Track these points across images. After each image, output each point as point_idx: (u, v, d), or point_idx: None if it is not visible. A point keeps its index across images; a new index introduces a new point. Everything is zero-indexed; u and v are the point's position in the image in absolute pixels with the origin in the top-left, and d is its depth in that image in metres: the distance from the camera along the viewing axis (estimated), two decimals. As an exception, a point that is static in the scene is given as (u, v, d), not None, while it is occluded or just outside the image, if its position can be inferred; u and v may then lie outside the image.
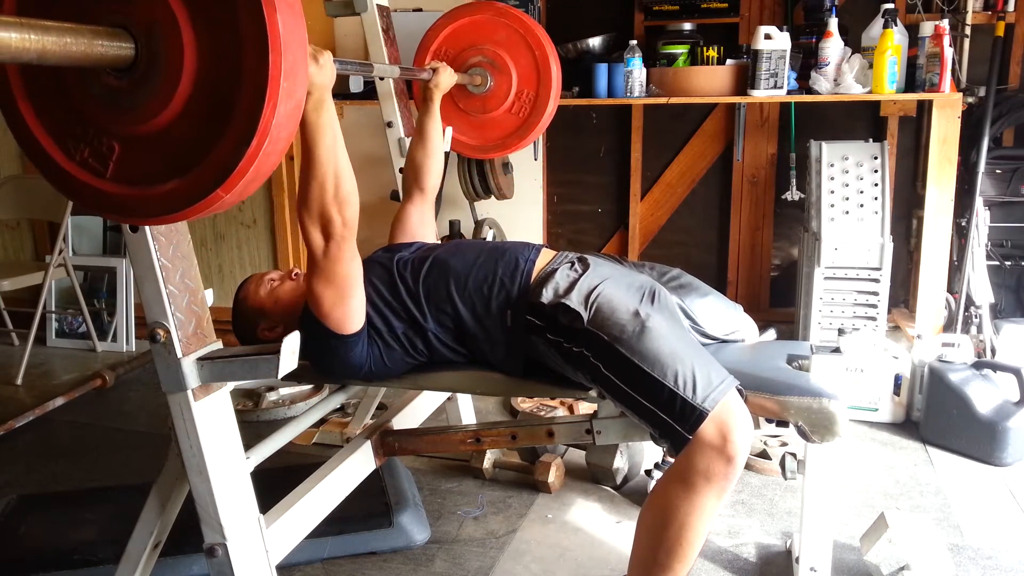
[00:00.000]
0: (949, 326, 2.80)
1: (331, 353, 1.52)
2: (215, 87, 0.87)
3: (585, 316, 1.46)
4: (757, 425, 1.52)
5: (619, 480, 2.19)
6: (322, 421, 2.55)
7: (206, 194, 0.90)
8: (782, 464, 1.67)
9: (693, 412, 1.33)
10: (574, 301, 1.48)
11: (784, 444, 2.33)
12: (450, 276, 1.60)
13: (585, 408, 2.55)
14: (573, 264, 1.61)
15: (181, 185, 0.91)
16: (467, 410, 2.36)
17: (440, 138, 2.02)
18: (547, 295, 1.51)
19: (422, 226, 1.95)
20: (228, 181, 0.88)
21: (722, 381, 1.37)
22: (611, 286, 1.52)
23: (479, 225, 3.21)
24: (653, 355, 1.39)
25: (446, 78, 2.02)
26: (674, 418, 1.35)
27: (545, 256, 1.66)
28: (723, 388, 1.36)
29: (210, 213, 0.96)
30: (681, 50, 2.95)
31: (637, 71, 2.77)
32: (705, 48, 2.89)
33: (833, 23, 2.61)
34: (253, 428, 2.58)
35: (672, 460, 1.40)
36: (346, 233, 1.37)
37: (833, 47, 2.60)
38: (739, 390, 1.40)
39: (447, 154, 2.55)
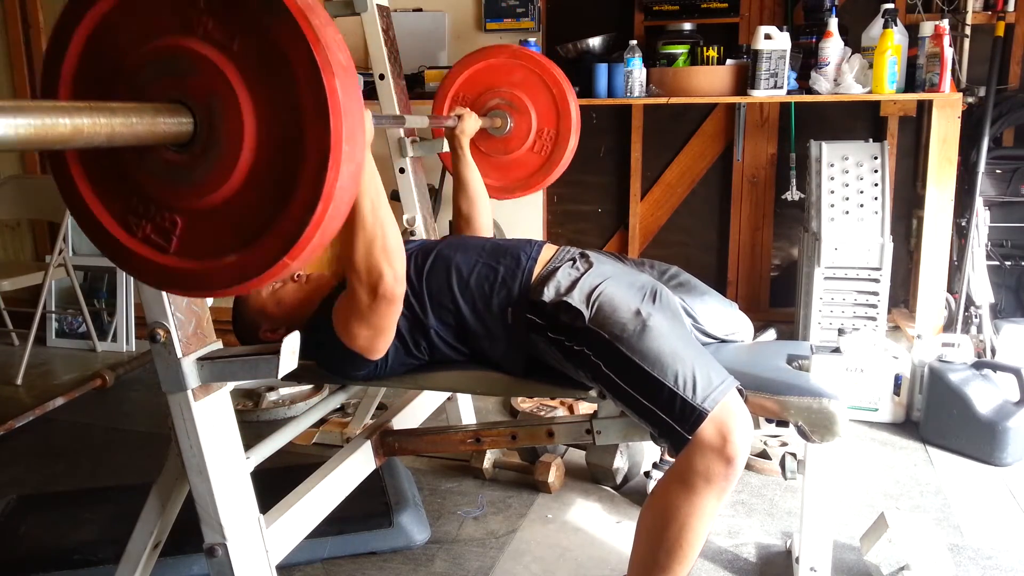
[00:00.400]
0: (949, 326, 2.80)
1: (353, 370, 1.54)
2: (277, 156, 0.86)
3: (586, 314, 1.46)
4: (757, 425, 1.52)
5: (619, 480, 2.19)
6: (322, 421, 2.55)
7: (272, 263, 0.89)
8: (782, 464, 1.67)
9: (693, 412, 1.33)
10: (576, 299, 1.48)
11: (784, 444, 2.33)
12: (452, 273, 1.60)
13: (585, 408, 2.55)
14: (575, 262, 1.60)
15: (247, 256, 0.90)
16: (467, 410, 2.36)
17: (481, 182, 2.07)
18: (548, 293, 1.51)
19: None
20: (295, 248, 0.87)
21: (722, 381, 1.37)
22: (613, 285, 1.52)
23: (479, 225, 3.21)
24: (654, 354, 1.39)
25: (471, 124, 2.08)
26: (674, 418, 1.35)
27: (547, 253, 1.65)
28: (723, 388, 1.36)
29: (277, 279, 0.95)
30: (681, 50, 2.95)
31: (637, 71, 2.77)
32: (705, 48, 2.89)
33: (833, 23, 2.61)
34: (253, 428, 2.58)
35: (672, 460, 1.40)
36: (398, 288, 1.36)
37: (833, 47, 2.60)
38: (740, 391, 1.40)
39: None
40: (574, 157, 3.43)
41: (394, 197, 2.41)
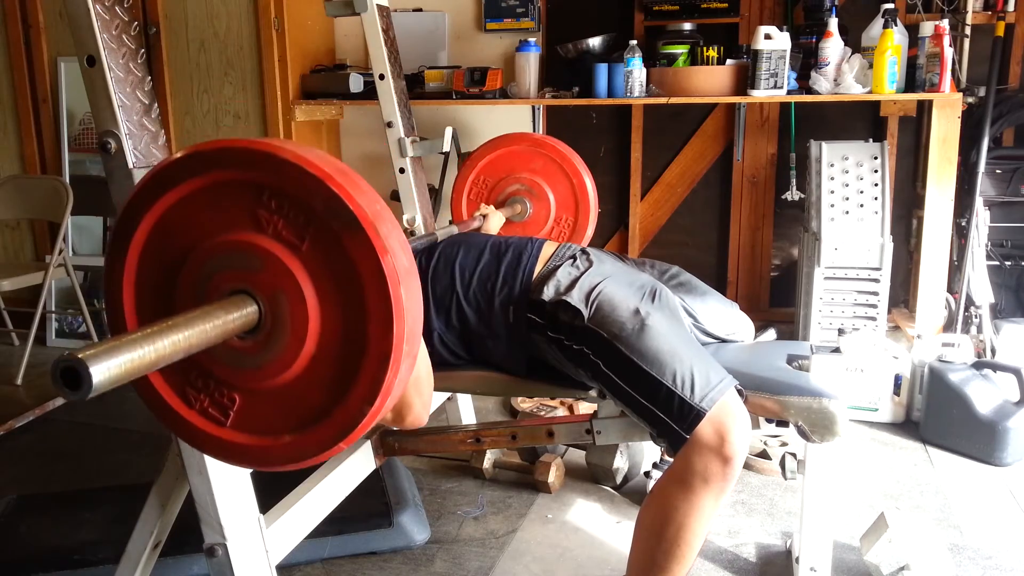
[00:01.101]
0: (949, 326, 2.80)
1: None
2: (339, 350, 0.89)
3: (586, 313, 1.46)
4: (757, 425, 1.52)
5: (619, 480, 2.19)
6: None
7: (329, 447, 0.92)
8: (782, 464, 1.67)
9: (691, 412, 1.33)
10: (575, 298, 1.48)
11: (784, 444, 2.33)
12: (456, 274, 1.60)
13: (585, 408, 2.55)
14: (575, 260, 1.61)
15: (304, 439, 0.93)
16: (467, 410, 2.36)
17: None
18: (548, 293, 1.51)
19: None
20: (351, 437, 0.91)
21: (720, 381, 1.37)
22: (612, 284, 1.52)
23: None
24: (652, 354, 1.39)
25: (496, 221, 2.16)
26: (672, 417, 1.35)
27: (548, 250, 1.65)
28: (721, 388, 1.36)
29: (329, 458, 0.98)
30: (681, 50, 2.95)
31: (637, 71, 2.77)
32: (705, 48, 2.89)
33: (833, 23, 2.61)
34: (253, 428, 2.58)
35: (670, 460, 1.40)
36: (424, 415, 1.35)
37: (833, 47, 2.60)
38: (739, 390, 1.40)
39: (446, 154, 2.55)
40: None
41: (394, 197, 2.41)
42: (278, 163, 0.87)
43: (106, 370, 0.68)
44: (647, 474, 2.20)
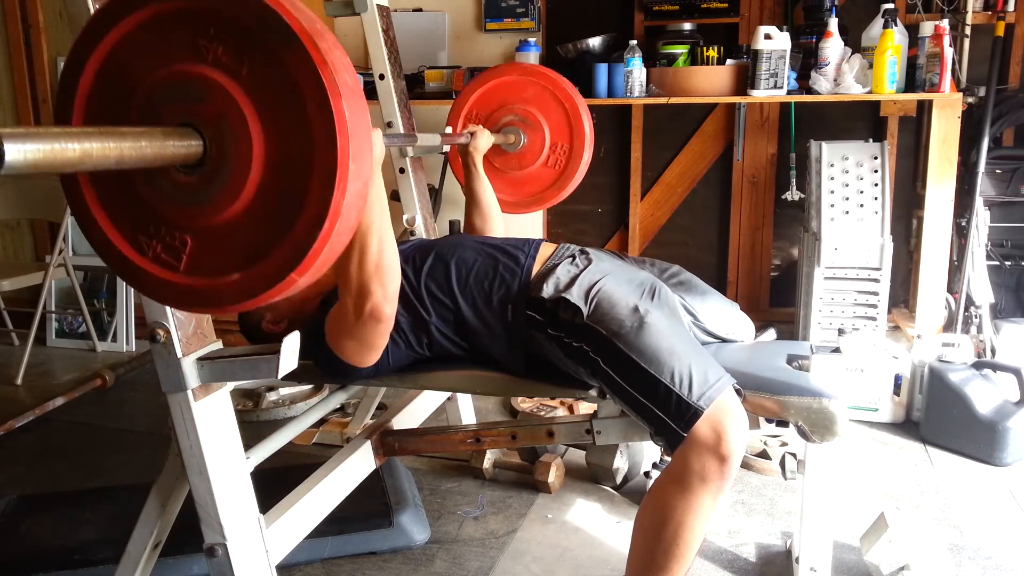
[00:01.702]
0: (949, 326, 2.80)
1: (343, 376, 1.56)
2: (285, 176, 0.89)
3: (585, 311, 1.46)
4: (757, 425, 1.52)
5: (619, 480, 2.19)
6: (322, 421, 2.55)
7: (281, 278, 0.91)
8: (782, 464, 1.67)
9: (688, 410, 1.33)
10: (574, 296, 1.48)
11: (784, 444, 2.33)
12: (452, 271, 1.60)
13: (585, 408, 2.55)
14: (575, 259, 1.61)
15: (256, 272, 0.92)
16: (467, 410, 2.36)
17: (494, 198, 2.09)
18: (548, 290, 1.51)
19: None
20: (302, 264, 0.90)
21: (718, 379, 1.37)
22: (612, 282, 1.52)
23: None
24: (651, 352, 1.39)
25: (484, 140, 2.11)
26: (670, 415, 1.35)
27: (546, 250, 1.66)
28: (719, 387, 1.36)
29: (285, 295, 0.97)
30: (681, 50, 2.94)
31: (637, 71, 2.77)
32: (705, 48, 2.89)
33: (833, 23, 2.60)
34: (253, 428, 2.58)
35: (669, 460, 1.40)
36: (386, 309, 1.35)
37: (833, 47, 2.60)
38: (737, 390, 1.40)
39: (446, 154, 2.55)
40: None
41: (394, 197, 2.41)
42: None
43: (22, 151, 0.67)
44: (647, 474, 2.20)
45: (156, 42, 0.92)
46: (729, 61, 2.79)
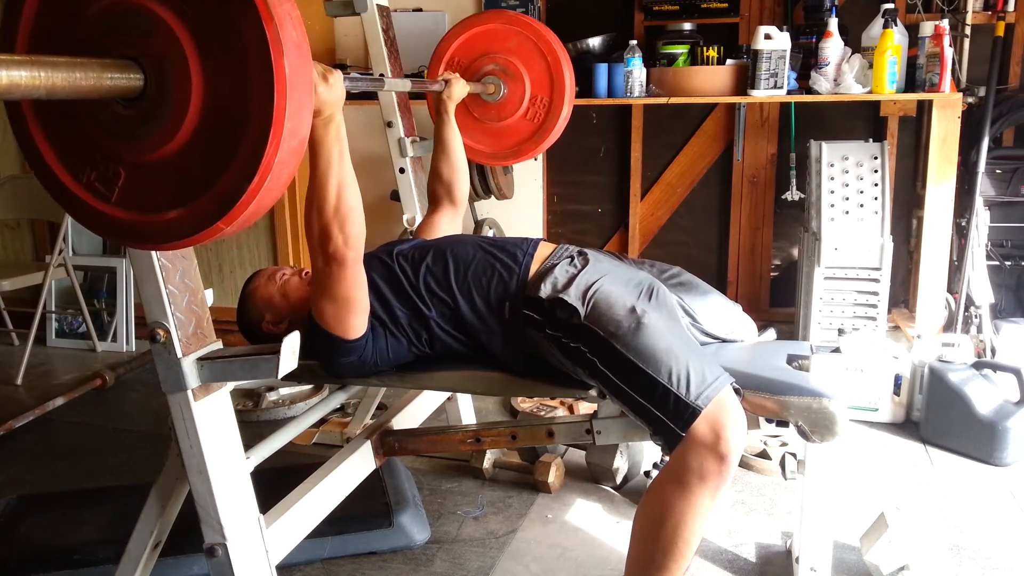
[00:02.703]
0: (949, 326, 2.80)
1: (337, 355, 1.54)
2: (221, 123, 0.89)
3: (582, 312, 1.46)
4: (756, 425, 1.52)
5: (619, 480, 2.19)
6: (322, 421, 2.55)
7: (207, 225, 0.92)
8: (782, 464, 1.67)
9: (686, 409, 1.33)
10: (572, 296, 1.48)
11: (784, 444, 2.33)
12: (449, 268, 1.61)
13: (585, 408, 2.55)
14: (573, 259, 1.61)
15: (184, 215, 0.93)
16: (467, 410, 2.36)
17: (462, 148, 2.04)
18: (545, 290, 1.51)
19: (453, 231, 1.97)
20: (229, 214, 0.90)
21: (716, 379, 1.37)
22: (609, 282, 1.52)
23: (479, 225, 3.21)
24: (648, 351, 1.39)
25: (459, 89, 2.04)
26: (668, 415, 1.35)
27: (544, 250, 1.66)
28: (717, 386, 1.36)
29: (211, 241, 0.97)
30: (681, 50, 2.94)
31: (637, 71, 2.77)
32: (705, 48, 2.89)
33: (833, 23, 2.60)
34: (253, 428, 2.58)
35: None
36: (348, 253, 1.36)
37: (833, 47, 2.59)
38: (736, 389, 1.40)
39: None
40: (574, 157, 3.43)
41: (394, 197, 2.41)
42: None
43: None
44: (647, 474, 2.20)
45: None
46: (729, 61, 2.79)
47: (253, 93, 0.86)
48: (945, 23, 2.45)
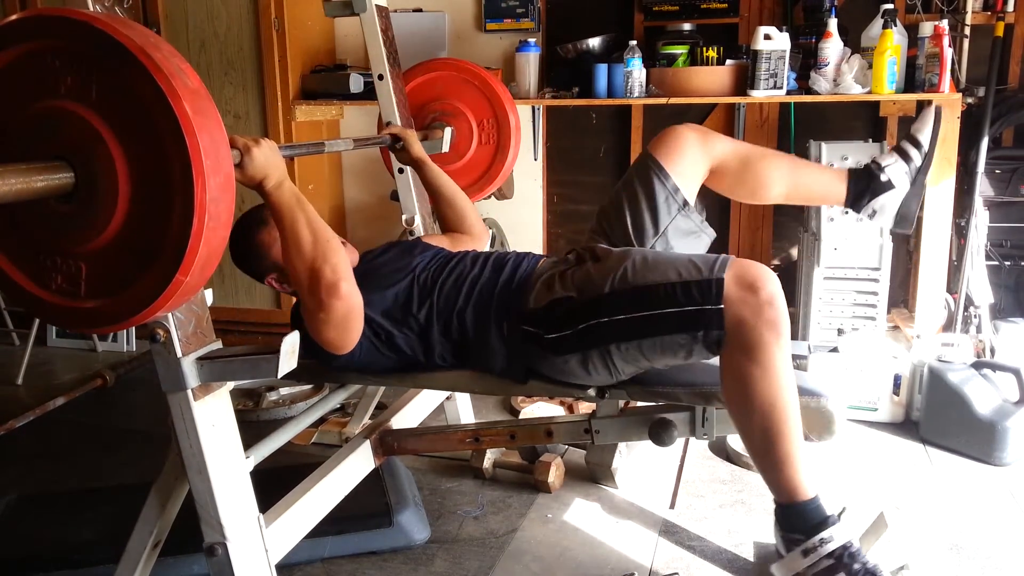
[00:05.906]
0: (949, 326, 2.80)
1: (328, 359, 1.56)
2: (150, 182, 0.96)
3: (575, 294, 1.50)
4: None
5: (619, 480, 2.19)
6: (321, 421, 2.56)
7: (169, 282, 0.99)
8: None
9: (710, 286, 1.36)
10: (561, 292, 1.52)
11: (784, 444, 2.33)
12: (463, 287, 1.63)
13: (585, 408, 2.55)
14: (560, 263, 1.66)
15: (145, 282, 1.00)
16: (467, 410, 2.36)
17: (452, 183, 2.06)
18: (540, 300, 1.56)
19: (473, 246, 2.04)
20: (184, 264, 0.97)
21: (718, 256, 1.41)
22: (590, 264, 1.57)
23: (479, 225, 3.22)
24: (651, 271, 1.43)
25: (409, 134, 2.03)
26: (698, 302, 1.36)
27: (543, 266, 1.69)
28: (723, 258, 1.40)
29: (181, 301, 1.05)
30: (681, 50, 2.95)
31: (637, 71, 2.78)
32: (705, 48, 2.89)
33: (833, 23, 2.61)
34: (253, 428, 2.58)
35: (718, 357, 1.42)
36: (339, 281, 1.38)
37: (833, 47, 2.60)
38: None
39: (444, 153, 2.55)
40: (574, 158, 3.43)
41: (394, 197, 2.42)
42: (50, 22, 0.95)
43: None
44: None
45: (14, 85, 1.00)
46: (729, 61, 2.79)
47: (167, 143, 0.94)
48: (944, 23, 2.46)
